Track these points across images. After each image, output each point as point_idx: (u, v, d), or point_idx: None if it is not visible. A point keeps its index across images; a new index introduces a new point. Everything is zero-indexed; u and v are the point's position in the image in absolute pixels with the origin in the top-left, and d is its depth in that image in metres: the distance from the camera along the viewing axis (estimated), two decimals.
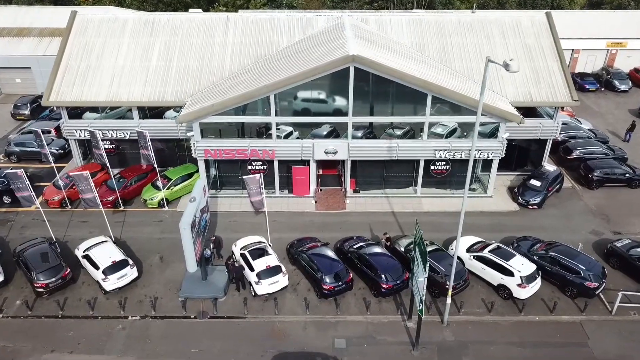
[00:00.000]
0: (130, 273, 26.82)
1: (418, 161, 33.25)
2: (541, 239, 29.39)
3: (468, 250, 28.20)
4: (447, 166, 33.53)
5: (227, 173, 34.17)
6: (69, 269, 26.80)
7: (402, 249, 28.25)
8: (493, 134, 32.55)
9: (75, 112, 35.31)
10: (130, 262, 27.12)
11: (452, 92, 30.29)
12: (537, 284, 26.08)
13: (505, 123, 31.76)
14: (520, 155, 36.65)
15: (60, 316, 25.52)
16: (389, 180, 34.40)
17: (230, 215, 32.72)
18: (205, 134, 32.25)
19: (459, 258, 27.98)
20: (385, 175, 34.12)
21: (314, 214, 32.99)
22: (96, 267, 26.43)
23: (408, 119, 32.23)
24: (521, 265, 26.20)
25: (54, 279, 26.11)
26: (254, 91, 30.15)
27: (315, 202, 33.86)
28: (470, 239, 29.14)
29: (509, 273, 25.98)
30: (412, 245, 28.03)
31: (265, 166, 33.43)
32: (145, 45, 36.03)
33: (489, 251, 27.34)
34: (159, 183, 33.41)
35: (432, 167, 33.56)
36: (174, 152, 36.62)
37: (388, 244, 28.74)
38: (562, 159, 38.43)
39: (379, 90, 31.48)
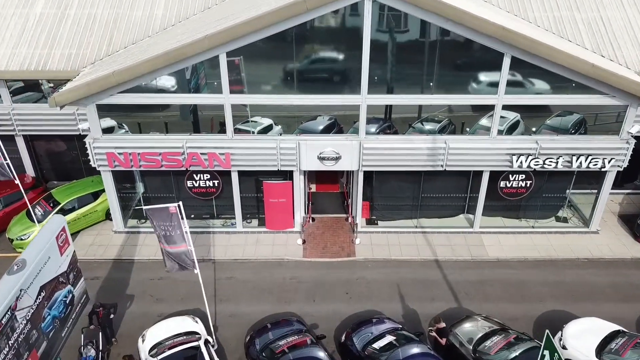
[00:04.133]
0: None
1: (477, 174, 19.50)
2: None
3: (601, 351, 14.33)
4: (529, 182, 19.75)
5: (158, 193, 20.35)
6: None
7: (470, 348, 14.41)
8: (577, 130, 18.80)
9: None
10: None
11: (555, 50, 16.52)
12: None
13: (637, 108, 18.01)
14: (631, 164, 22.76)
15: None
16: (426, 205, 20.58)
17: (154, 268, 18.82)
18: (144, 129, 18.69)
19: None
20: (420, 197, 20.33)
21: (301, 264, 19.17)
22: None
23: (464, 100, 18.32)
24: None
25: None
26: (188, 47, 16.35)
27: (303, 242, 20.08)
28: (596, 325, 15.29)
29: None
30: (482, 337, 14.28)
31: (217, 182, 19.66)
32: None
33: None
34: (38, 210, 19.67)
35: (502, 184, 19.77)
36: (78, 159, 22.91)
37: (443, 341, 14.81)
38: None
39: (414, 49, 17.65)
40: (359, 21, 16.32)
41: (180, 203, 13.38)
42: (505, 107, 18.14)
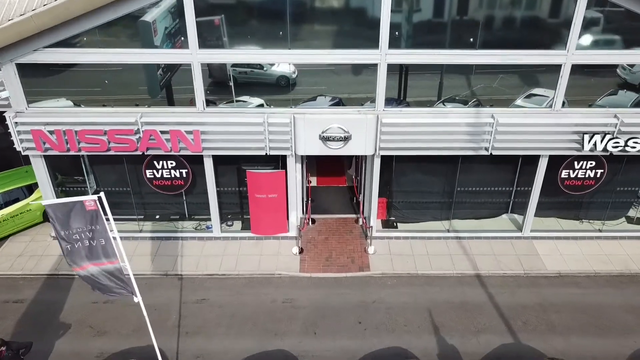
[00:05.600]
0: None
1: (529, 161, 14.72)
2: None
3: None
4: (600, 171, 14.95)
5: (110, 187, 15.56)
6: None
7: None
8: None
9: None
10: None
11: None
12: None
13: None
14: None
15: None
16: (460, 202, 15.79)
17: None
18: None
19: None
20: (455, 191, 15.52)
21: (297, 282, 14.37)
22: None
23: (518, 57, 13.37)
24: None
25: None
26: None
27: (301, 251, 15.29)
28: None
29: None
30: None
31: (185, 171, 14.86)
32: None
33: None
34: None
35: (564, 174, 14.97)
36: (11, 144, 18.13)
37: None
38: None
39: None
40: None
41: (102, 194, 8.58)
42: (575, 67, 13.35)
